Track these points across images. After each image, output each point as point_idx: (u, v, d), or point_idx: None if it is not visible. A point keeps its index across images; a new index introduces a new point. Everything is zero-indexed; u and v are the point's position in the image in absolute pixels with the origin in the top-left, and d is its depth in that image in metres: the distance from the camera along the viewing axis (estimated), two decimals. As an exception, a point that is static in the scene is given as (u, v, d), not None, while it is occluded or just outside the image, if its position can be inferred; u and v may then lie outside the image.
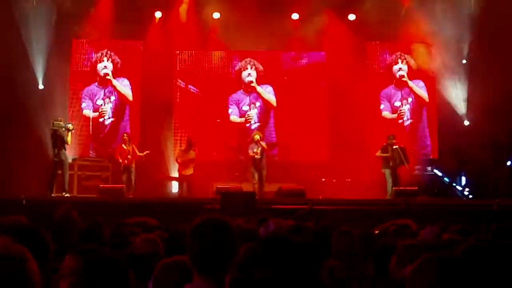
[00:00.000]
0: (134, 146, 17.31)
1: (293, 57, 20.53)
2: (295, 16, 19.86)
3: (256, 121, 19.99)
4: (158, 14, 19.91)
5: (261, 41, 19.18)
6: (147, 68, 19.75)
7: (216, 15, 19.84)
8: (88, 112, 19.51)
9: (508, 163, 17.81)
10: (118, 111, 19.85)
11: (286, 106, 20.10)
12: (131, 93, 19.91)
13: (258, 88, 20.12)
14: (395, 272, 4.67)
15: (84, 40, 19.96)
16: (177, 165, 18.13)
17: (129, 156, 16.91)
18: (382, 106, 20.12)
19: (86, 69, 19.83)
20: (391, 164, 16.71)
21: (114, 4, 19.31)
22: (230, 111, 20.12)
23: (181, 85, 20.21)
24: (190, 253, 3.17)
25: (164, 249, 5.25)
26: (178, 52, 20.33)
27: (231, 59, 20.42)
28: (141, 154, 17.19)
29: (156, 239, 5.23)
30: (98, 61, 19.83)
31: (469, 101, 19.12)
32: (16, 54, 17.88)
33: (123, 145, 17.14)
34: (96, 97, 19.72)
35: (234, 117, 20.09)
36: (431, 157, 19.61)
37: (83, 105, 19.59)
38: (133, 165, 17.04)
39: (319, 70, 20.38)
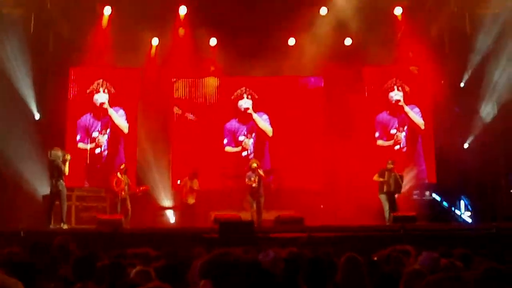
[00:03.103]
0: (128, 178, 17.32)
1: (289, 82, 20.59)
2: (291, 41, 19.92)
3: (252, 150, 19.96)
4: (155, 41, 19.94)
5: (257, 67, 19.13)
6: (143, 96, 19.77)
7: (213, 42, 19.93)
8: (83, 145, 19.40)
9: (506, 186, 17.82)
10: (113, 143, 19.69)
11: (283, 133, 20.11)
12: (126, 124, 19.75)
13: (254, 116, 20.14)
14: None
15: (81, 68, 19.94)
16: (174, 195, 18.22)
17: (126, 188, 16.90)
18: (377, 134, 20.04)
19: (82, 98, 19.74)
20: (385, 189, 16.66)
21: (111, 31, 19.35)
22: (225, 141, 20.11)
23: (178, 112, 20.22)
24: None
25: (161, 279, 5.21)
26: (174, 79, 20.37)
27: (227, 86, 20.46)
28: (139, 188, 17.26)
29: (150, 271, 5.21)
30: (95, 91, 19.76)
31: (467, 124, 19.20)
32: (13, 82, 17.92)
33: (118, 174, 17.13)
34: (92, 129, 19.62)
35: (229, 148, 20.08)
36: (426, 181, 19.54)
37: (78, 137, 19.48)
38: (128, 196, 17.04)
39: (316, 96, 20.42)
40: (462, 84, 19.51)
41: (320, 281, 5.06)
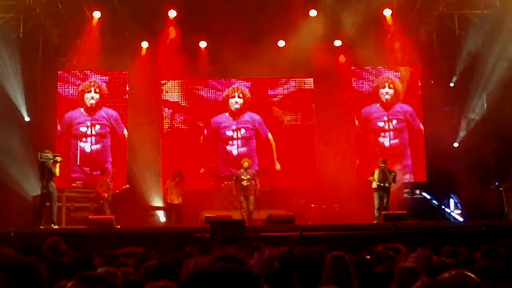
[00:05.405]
0: (109, 180, 17.40)
1: (280, 84, 20.57)
2: (281, 43, 19.93)
3: (240, 146, 19.99)
4: (144, 44, 19.96)
5: (247, 69, 19.15)
6: (134, 97, 19.75)
7: (203, 44, 19.95)
8: (72, 143, 19.47)
9: (496, 184, 17.89)
10: (101, 143, 19.72)
11: (273, 133, 20.12)
12: (116, 124, 19.81)
13: (244, 116, 20.17)
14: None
15: (71, 72, 19.93)
16: (162, 194, 18.29)
17: (105, 194, 16.89)
18: (356, 122, 20.05)
19: (72, 99, 19.76)
20: (374, 186, 16.55)
21: (100, 35, 19.34)
22: (212, 139, 20.10)
23: (168, 114, 20.23)
24: None
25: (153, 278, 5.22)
26: (163, 81, 20.38)
27: (217, 88, 20.46)
28: (120, 188, 17.35)
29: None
30: (86, 91, 19.77)
31: (457, 123, 19.28)
32: (2, 85, 17.88)
33: (103, 178, 17.16)
34: (80, 125, 19.70)
35: (218, 147, 20.06)
36: (413, 180, 19.55)
37: (59, 128, 19.56)
38: (110, 198, 17.08)
39: (306, 96, 20.44)
40: (451, 84, 19.57)
41: (313, 280, 5.07)
